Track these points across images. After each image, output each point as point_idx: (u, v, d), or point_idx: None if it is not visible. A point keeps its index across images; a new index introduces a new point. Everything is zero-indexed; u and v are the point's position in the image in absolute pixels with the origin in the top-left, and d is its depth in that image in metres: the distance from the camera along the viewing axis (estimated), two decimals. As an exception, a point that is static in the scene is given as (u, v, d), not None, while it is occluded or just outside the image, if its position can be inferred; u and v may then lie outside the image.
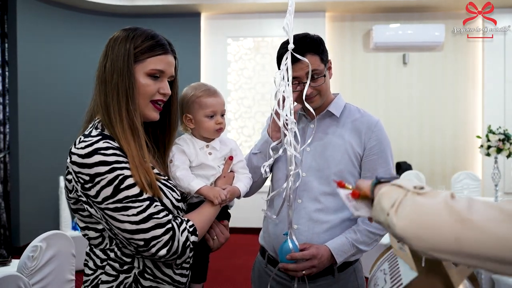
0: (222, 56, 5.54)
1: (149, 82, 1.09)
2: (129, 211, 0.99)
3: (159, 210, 1.03)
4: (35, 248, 1.71)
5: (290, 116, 1.24)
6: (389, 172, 1.47)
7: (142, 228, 1.00)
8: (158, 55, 1.10)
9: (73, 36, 5.12)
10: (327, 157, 1.43)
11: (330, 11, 5.39)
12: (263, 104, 5.51)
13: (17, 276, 1.49)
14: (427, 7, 5.28)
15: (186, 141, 1.29)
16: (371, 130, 1.44)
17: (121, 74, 1.06)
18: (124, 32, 1.10)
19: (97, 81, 1.10)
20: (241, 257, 3.26)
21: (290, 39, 1.27)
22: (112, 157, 1.00)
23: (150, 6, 5.24)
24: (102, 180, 0.98)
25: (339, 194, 0.92)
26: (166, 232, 1.02)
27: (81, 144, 1.00)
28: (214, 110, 1.28)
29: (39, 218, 4.81)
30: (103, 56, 1.10)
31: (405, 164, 5.23)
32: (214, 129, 1.28)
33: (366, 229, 1.41)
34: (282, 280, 1.47)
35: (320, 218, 1.41)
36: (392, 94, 5.46)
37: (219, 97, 1.31)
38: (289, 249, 1.29)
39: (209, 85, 1.33)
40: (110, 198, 0.99)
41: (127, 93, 1.06)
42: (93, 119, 1.11)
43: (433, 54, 5.41)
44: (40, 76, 4.83)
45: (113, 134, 1.05)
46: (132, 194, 1.00)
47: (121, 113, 1.05)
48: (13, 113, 4.63)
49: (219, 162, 1.30)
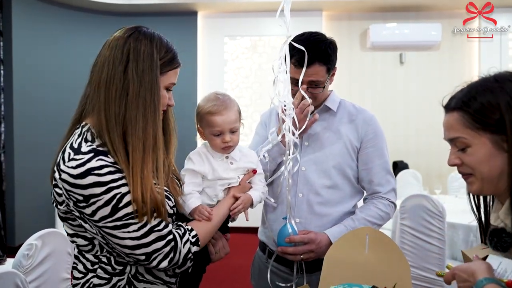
0: (219, 55, 5.53)
1: (166, 95, 1.06)
2: (129, 228, 0.96)
3: (159, 222, 1.00)
4: (31, 247, 1.69)
5: (288, 102, 1.26)
6: (386, 166, 1.49)
7: (144, 243, 0.97)
8: (175, 68, 1.08)
9: (69, 34, 5.09)
10: (325, 150, 1.45)
11: (327, 10, 5.39)
12: (260, 104, 5.50)
13: (14, 273, 1.48)
14: (423, 6, 5.29)
15: (201, 156, 1.24)
16: (367, 123, 1.47)
17: (150, 87, 0.99)
18: (145, 38, 1.02)
19: (103, 86, 0.99)
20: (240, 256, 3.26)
21: (287, 28, 1.29)
22: (107, 177, 0.93)
23: (147, 5, 5.22)
24: (98, 201, 0.93)
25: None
26: (168, 243, 1.00)
27: (72, 162, 0.93)
28: (220, 130, 1.22)
29: (34, 217, 4.77)
30: (119, 59, 0.98)
31: (401, 163, 5.24)
32: (220, 147, 1.24)
33: (363, 218, 1.43)
34: (283, 274, 1.48)
35: (322, 211, 1.43)
36: (389, 93, 5.47)
37: (228, 114, 1.22)
38: (288, 232, 1.31)
39: (222, 97, 1.25)
40: (109, 217, 0.94)
41: (156, 109, 1.00)
42: (80, 123, 1.02)
43: (430, 54, 5.42)
44: (35, 74, 4.80)
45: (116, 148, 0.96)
46: (131, 211, 0.95)
47: (149, 129, 0.98)
48: (8, 112, 4.60)
49: (240, 172, 1.27)
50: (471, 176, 0.89)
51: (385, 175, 1.47)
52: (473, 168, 0.88)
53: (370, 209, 1.45)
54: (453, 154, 0.91)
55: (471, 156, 0.87)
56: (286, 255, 1.35)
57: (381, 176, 1.46)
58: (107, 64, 0.99)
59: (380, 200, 1.47)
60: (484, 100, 0.86)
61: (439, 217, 2.63)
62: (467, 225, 2.81)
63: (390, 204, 1.47)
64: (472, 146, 0.87)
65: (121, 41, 1.00)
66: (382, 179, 1.46)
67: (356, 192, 1.50)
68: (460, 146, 0.89)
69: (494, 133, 0.84)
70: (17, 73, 4.61)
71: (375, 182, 1.46)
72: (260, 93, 5.51)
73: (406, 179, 4.35)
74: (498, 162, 0.84)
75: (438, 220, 2.63)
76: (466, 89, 0.91)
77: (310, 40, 1.38)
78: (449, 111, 0.92)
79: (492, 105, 0.84)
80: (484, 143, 0.85)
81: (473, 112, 0.86)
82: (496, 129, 0.84)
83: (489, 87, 0.87)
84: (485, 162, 0.86)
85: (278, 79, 1.28)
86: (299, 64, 1.34)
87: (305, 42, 1.34)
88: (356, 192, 1.50)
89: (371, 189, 1.48)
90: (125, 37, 1.01)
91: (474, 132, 0.86)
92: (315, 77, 1.37)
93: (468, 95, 0.89)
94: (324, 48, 1.39)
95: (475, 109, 0.86)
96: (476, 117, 0.86)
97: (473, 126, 0.86)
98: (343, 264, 1.14)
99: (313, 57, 1.34)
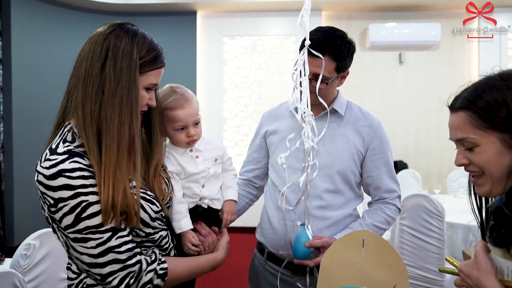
0: (218, 54, 5.52)
1: (145, 95, 1.02)
2: (88, 243, 0.91)
3: (122, 243, 0.94)
4: (28, 246, 1.69)
5: (307, 109, 1.25)
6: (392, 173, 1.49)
7: (99, 263, 0.92)
8: (158, 69, 1.03)
9: (68, 34, 5.08)
10: (330, 154, 1.43)
11: (326, 10, 5.38)
12: (260, 103, 5.50)
13: (12, 273, 1.47)
14: (423, 6, 5.29)
15: (168, 157, 1.20)
16: (373, 130, 1.46)
17: (128, 87, 0.95)
18: (126, 35, 0.98)
19: (80, 82, 0.96)
20: (239, 256, 3.26)
21: (306, 36, 1.26)
22: (78, 181, 0.90)
23: (146, 5, 5.21)
24: (64, 206, 0.90)
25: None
26: (124, 268, 0.94)
27: (46, 163, 0.91)
28: (184, 124, 1.18)
29: (33, 217, 4.76)
30: (98, 56, 0.96)
31: (401, 163, 5.24)
32: (185, 142, 1.21)
33: (372, 223, 1.43)
34: (284, 277, 1.47)
35: (322, 215, 1.42)
36: (388, 93, 5.47)
37: (189, 107, 1.19)
38: (308, 238, 1.30)
39: (180, 90, 1.21)
40: (71, 227, 0.91)
41: (132, 109, 0.96)
42: (63, 124, 1.00)
43: (429, 53, 5.42)
44: (34, 74, 4.79)
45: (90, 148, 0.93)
46: (93, 224, 0.91)
47: (123, 130, 0.95)
48: (7, 111, 4.59)
49: (209, 164, 1.24)
50: (481, 177, 0.88)
51: (391, 182, 1.48)
52: (481, 167, 0.86)
53: (378, 214, 1.46)
54: (461, 154, 0.90)
55: (480, 155, 0.86)
56: (303, 260, 1.34)
57: (388, 183, 1.47)
58: (86, 60, 0.97)
59: (387, 205, 1.48)
60: (490, 98, 0.84)
61: (438, 217, 2.62)
62: (466, 225, 2.81)
63: (396, 210, 1.49)
64: (481, 145, 0.85)
65: (102, 37, 0.98)
66: (389, 186, 1.48)
67: (357, 196, 1.50)
68: (468, 146, 0.87)
69: (502, 132, 0.83)
70: (16, 72, 4.60)
71: (382, 189, 1.47)
72: (259, 93, 5.51)
73: (405, 179, 4.34)
74: (507, 160, 0.83)
75: (437, 220, 2.62)
76: (471, 88, 0.90)
77: (329, 33, 1.34)
78: (455, 111, 0.90)
79: (499, 103, 0.83)
80: (492, 141, 0.84)
81: (480, 110, 0.85)
82: (503, 127, 0.83)
83: (495, 85, 0.85)
84: (494, 161, 0.84)
85: (297, 86, 1.27)
86: (309, 52, 1.28)
87: (323, 34, 1.32)
88: (357, 197, 1.50)
89: (378, 195, 1.49)
90: (106, 33, 0.98)
91: (482, 131, 0.85)
92: (319, 70, 1.29)
93: (473, 94, 0.87)
94: (339, 45, 1.33)
95: (482, 107, 0.84)
96: (484, 115, 0.84)
97: (481, 125, 0.85)
98: (340, 268, 1.13)
99: (325, 48, 1.30)
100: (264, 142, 1.58)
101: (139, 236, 1.03)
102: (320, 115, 1.45)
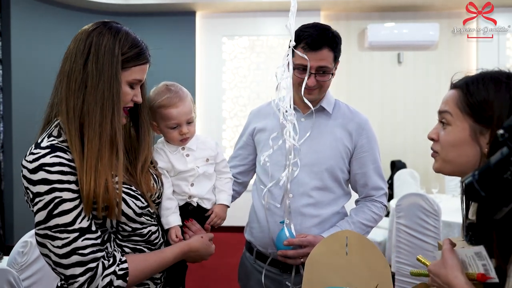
0: (217, 55, 5.54)
1: (128, 91, 1.04)
2: (55, 242, 0.92)
3: (88, 245, 0.94)
4: (25, 244, 1.70)
5: (290, 108, 1.27)
6: (379, 171, 1.50)
7: (63, 264, 0.93)
8: (141, 65, 1.04)
9: (68, 34, 5.05)
10: (318, 152, 1.44)
11: (325, 10, 5.39)
12: (259, 103, 5.48)
13: (6, 270, 1.48)
14: (421, 6, 5.30)
15: (159, 152, 1.22)
16: (361, 127, 1.48)
17: (109, 82, 0.97)
18: (109, 32, 1.01)
19: (65, 78, 0.99)
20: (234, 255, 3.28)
21: (291, 37, 1.30)
22: (56, 175, 0.91)
23: (145, 5, 5.22)
24: (40, 201, 0.92)
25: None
26: (85, 272, 0.94)
27: (30, 157, 0.93)
28: (177, 122, 1.20)
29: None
30: (81, 52, 0.98)
31: (399, 162, 5.25)
32: (178, 140, 1.22)
33: (359, 221, 1.45)
34: (273, 275, 1.47)
35: (311, 213, 1.43)
36: (387, 93, 5.48)
37: (183, 105, 1.20)
38: (286, 236, 1.32)
39: (174, 89, 1.22)
40: (42, 224, 0.93)
41: (114, 104, 0.98)
42: (52, 120, 1.03)
43: (428, 53, 5.43)
44: (34, 74, 4.80)
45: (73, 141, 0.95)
46: (62, 222, 0.92)
47: (104, 124, 0.97)
48: (7, 111, 4.61)
49: (200, 163, 1.25)
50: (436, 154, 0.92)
51: (378, 179, 1.50)
52: (442, 148, 0.89)
53: (365, 212, 1.47)
54: (435, 129, 0.93)
55: (447, 135, 0.88)
56: (286, 259, 1.36)
57: (375, 180, 1.49)
58: (69, 57, 1.00)
59: (374, 203, 1.50)
60: (483, 88, 0.85)
61: (435, 215, 2.64)
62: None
63: (382, 207, 1.51)
64: (452, 125, 0.87)
65: (85, 34, 1.01)
66: (376, 183, 1.49)
67: (345, 194, 1.51)
68: (443, 120, 0.90)
69: (476, 122, 0.84)
70: (15, 72, 4.62)
71: (369, 186, 1.49)
72: (258, 93, 5.52)
73: (403, 179, 4.35)
74: (468, 151, 0.85)
75: (434, 218, 2.64)
76: (476, 74, 0.91)
77: (319, 26, 1.38)
78: (452, 87, 0.93)
79: (489, 97, 0.83)
80: (464, 128, 0.86)
81: (468, 93, 0.86)
82: (478, 118, 0.84)
83: (497, 79, 0.86)
84: (456, 147, 0.87)
85: (281, 85, 1.29)
86: (309, 47, 1.33)
87: (314, 28, 1.35)
88: (345, 194, 1.51)
89: (365, 193, 1.51)
90: (89, 31, 1.01)
91: (461, 113, 0.86)
92: (324, 62, 1.35)
93: (473, 79, 0.89)
94: (332, 36, 1.38)
95: (472, 92, 0.86)
96: (469, 99, 0.85)
97: (463, 108, 0.86)
98: (325, 267, 1.15)
99: (322, 41, 1.33)
100: (252, 139, 1.59)
101: (125, 231, 1.04)
102: (308, 112, 1.47)
